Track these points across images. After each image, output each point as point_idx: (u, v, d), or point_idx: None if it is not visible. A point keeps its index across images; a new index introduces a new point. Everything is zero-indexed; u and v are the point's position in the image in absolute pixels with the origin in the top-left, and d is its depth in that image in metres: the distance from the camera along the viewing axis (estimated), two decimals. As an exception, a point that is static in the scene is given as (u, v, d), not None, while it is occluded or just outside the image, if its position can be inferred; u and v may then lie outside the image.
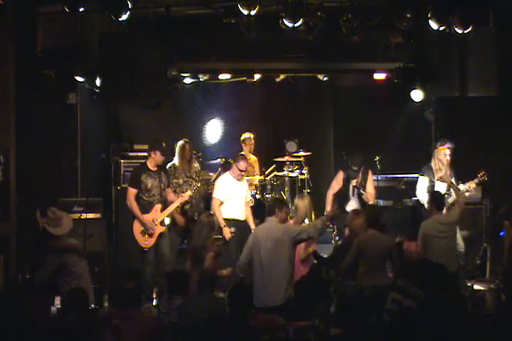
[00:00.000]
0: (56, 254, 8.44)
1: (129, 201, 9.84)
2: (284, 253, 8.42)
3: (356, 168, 10.72)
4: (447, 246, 9.12)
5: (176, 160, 10.76)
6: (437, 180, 10.21)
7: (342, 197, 10.75)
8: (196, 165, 11.09)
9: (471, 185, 10.08)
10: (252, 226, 10.23)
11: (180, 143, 10.92)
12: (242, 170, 10.41)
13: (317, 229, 8.69)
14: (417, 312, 6.80)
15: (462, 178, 10.25)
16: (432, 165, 10.36)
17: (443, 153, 10.36)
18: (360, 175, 10.72)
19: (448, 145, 10.43)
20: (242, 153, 11.84)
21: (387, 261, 8.76)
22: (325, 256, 9.39)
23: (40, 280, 8.29)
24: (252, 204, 11.21)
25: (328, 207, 10.55)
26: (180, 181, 10.57)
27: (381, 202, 11.45)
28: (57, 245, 8.54)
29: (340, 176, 10.85)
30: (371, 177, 10.84)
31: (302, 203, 9.38)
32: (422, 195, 10.27)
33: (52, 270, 8.25)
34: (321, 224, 8.77)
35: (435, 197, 9.54)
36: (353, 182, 10.71)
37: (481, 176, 10.06)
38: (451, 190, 9.91)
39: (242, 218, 10.38)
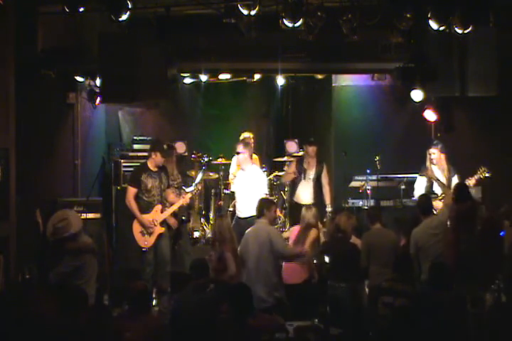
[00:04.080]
0: (73, 256, 8.27)
1: (127, 200, 9.83)
2: (269, 258, 8.43)
3: (311, 139, 11.32)
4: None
5: None
6: (420, 175, 10.38)
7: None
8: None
9: (471, 181, 10.12)
10: None
11: (166, 147, 10.80)
12: (238, 153, 10.43)
13: (291, 253, 8.87)
14: (412, 307, 6.81)
15: (463, 178, 10.28)
16: (427, 165, 10.47)
17: (428, 153, 10.44)
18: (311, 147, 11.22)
19: (434, 145, 10.47)
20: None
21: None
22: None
23: (56, 281, 8.18)
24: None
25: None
26: None
27: (381, 202, 11.46)
28: (76, 246, 8.36)
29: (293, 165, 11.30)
30: (326, 169, 11.30)
31: (309, 214, 9.36)
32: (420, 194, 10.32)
33: (68, 271, 8.17)
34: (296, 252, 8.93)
35: (421, 201, 9.47)
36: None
37: (481, 172, 10.09)
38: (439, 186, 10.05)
39: (241, 215, 10.30)
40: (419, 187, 10.46)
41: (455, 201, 8.76)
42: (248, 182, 10.40)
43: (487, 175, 10.11)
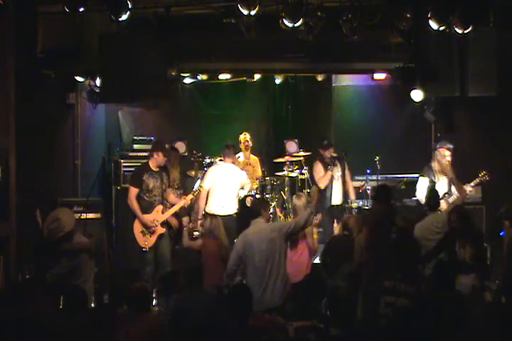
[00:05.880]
0: (70, 257, 8.28)
1: (129, 200, 9.81)
2: (279, 254, 8.37)
3: (326, 141, 11.12)
4: None
5: None
6: (439, 172, 10.27)
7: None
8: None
9: (472, 184, 10.16)
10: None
11: (168, 149, 10.73)
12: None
13: (305, 215, 8.59)
14: (413, 308, 6.80)
15: (463, 179, 10.28)
16: (432, 165, 10.40)
17: (442, 155, 10.39)
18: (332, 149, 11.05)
19: (448, 146, 10.46)
20: (239, 155, 11.85)
21: None
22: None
23: (53, 282, 8.21)
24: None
25: None
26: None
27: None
28: (71, 247, 8.37)
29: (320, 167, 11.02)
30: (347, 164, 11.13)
31: (300, 202, 9.32)
32: (422, 195, 10.27)
33: (65, 272, 8.18)
34: (310, 210, 8.68)
35: (430, 196, 9.42)
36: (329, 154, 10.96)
37: (482, 176, 10.10)
38: (452, 187, 9.98)
39: None
40: (422, 188, 10.39)
41: (373, 201, 8.58)
42: None
43: (488, 178, 10.13)
